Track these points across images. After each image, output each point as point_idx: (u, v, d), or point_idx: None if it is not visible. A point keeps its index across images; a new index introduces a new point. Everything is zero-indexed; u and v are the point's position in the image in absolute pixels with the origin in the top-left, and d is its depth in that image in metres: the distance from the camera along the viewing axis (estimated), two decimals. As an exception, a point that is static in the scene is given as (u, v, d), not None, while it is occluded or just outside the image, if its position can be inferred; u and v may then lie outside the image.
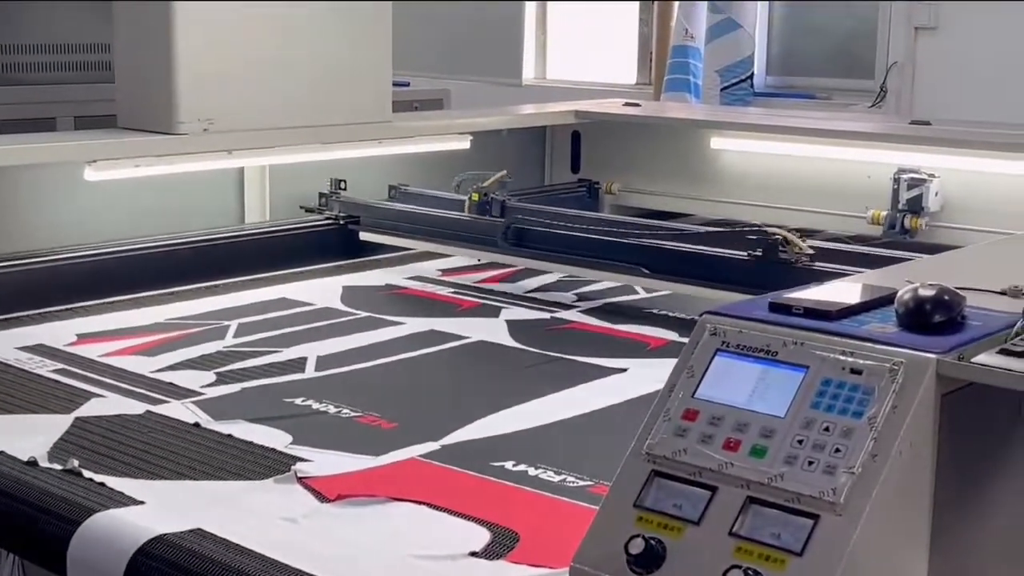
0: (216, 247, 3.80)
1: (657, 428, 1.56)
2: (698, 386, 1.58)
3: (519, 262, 3.79)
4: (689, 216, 4.69)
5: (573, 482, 2.15)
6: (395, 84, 4.30)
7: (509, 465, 2.23)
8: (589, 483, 2.14)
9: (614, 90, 7.46)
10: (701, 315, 1.66)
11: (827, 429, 1.47)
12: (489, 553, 1.87)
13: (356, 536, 1.93)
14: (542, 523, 1.99)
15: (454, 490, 2.12)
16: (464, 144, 4.38)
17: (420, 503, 2.04)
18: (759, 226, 3.31)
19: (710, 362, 1.59)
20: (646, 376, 2.74)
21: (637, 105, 5.12)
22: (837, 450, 1.45)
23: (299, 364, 2.88)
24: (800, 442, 1.48)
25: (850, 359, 1.52)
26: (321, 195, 4.13)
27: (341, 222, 4.06)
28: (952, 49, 6.67)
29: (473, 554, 1.86)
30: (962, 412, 1.52)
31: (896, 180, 4.15)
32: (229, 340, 3.08)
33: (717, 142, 4.63)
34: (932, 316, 1.59)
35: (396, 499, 2.06)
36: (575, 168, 4.97)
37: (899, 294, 1.63)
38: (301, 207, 4.11)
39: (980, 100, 6.20)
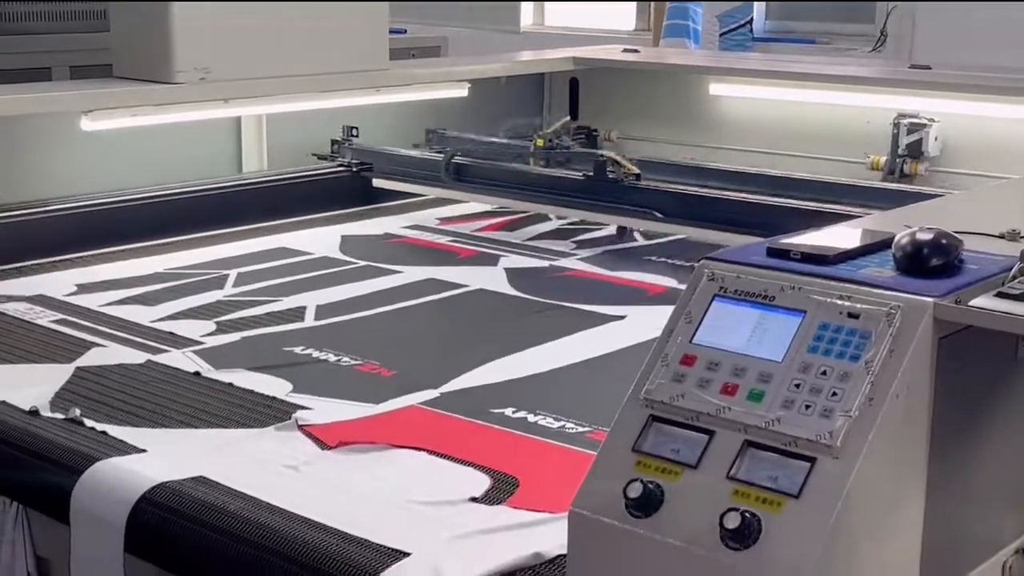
0: (215, 196, 3.80)
1: (655, 373, 1.56)
2: (696, 331, 1.58)
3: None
4: (688, 163, 4.67)
5: (572, 428, 2.17)
6: (392, 32, 4.28)
7: (508, 412, 2.25)
8: (588, 429, 2.15)
9: (613, 36, 7.41)
10: (699, 260, 1.67)
11: (824, 373, 1.48)
12: (489, 498, 1.88)
13: (357, 483, 1.94)
14: (541, 469, 2.01)
15: (454, 437, 2.13)
16: (462, 91, 4.37)
17: (420, 450, 2.06)
18: (595, 151, 3.85)
19: (708, 307, 1.60)
20: (645, 323, 2.75)
21: (636, 51, 5.09)
22: (834, 394, 1.46)
23: (298, 313, 2.89)
24: (797, 386, 1.48)
25: (847, 303, 1.52)
26: (333, 142, 4.13)
27: (354, 169, 4.08)
28: (952, -7, 6.61)
29: (473, 499, 1.88)
30: (959, 355, 1.52)
31: (896, 125, 4.14)
32: (228, 289, 3.09)
33: (716, 88, 4.61)
34: (929, 260, 1.59)
35: (396, 446, 2.07)
36: (574, 115, 4.95)
37: (896, 238, 1.63)
38: (313, 154, 4.11)
39: (980, 44, 6.15)
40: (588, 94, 4.93)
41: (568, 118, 4.38)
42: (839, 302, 1.53)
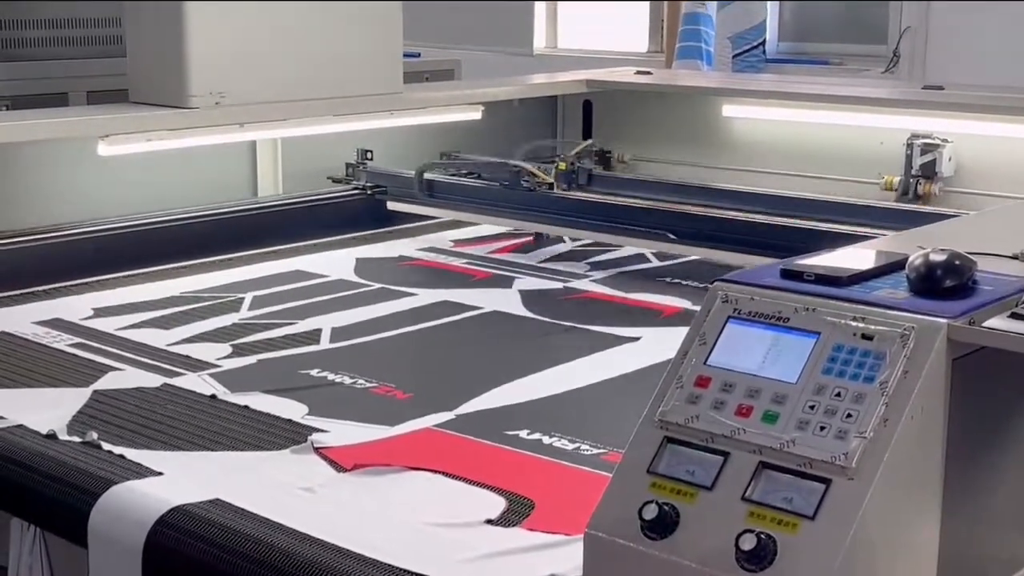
0: (231, 220, 3.82)
1: (670, 395, 1.57)
2: (710, 353, 1.58)
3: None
4: (701, 185, 4.67)
5: (587, 450, 2.17)
6: (406, 55, 4.30)
7: (523, 434, 2.25)
8: (603, 451, 2.15)
9: (626, 58, 7.43)
10: (712, 282, 1.67)
11: (839, 394, 1.48)
12: (505, 520, 1.88)
13: (373, 505, 1.94)
14: (557, 490, 2.01)
15: (469, 459, 2.14)
16: (476, 114, 4.38)
17: (436, 472, 2.06)
18: (513, 163, 3.93)
19: (722, 329, 1.60)
20: (660, 344, 2.75)
21: (649, 73, 5.11)
22: (849, 415, 1.46)
23: (314, 336, 2.90)
24: (812, 407, 1.49)
25: (861, 324, 1.53)
26: (348, 165, 4.16)
27: (368, 192, 4.11)
28: (965, 13, 6.62)
29: (489, 521, 1.88)
30: (973, 376, 1.53)
31: (909, 146, 4.14)
32: (244, 312, 3.10)
33: (729, 109, 4.62)
34: (943, 281, 1.59)
35: (412, 468, 2.08)
36: (587, 137, 4.96)
37: (910, 259, 1.64)
38: (328, 177, 4.14)
39: (993, 64, 6.16)
40: (601, 116, 4.94)
41: (589, 140, 4.47)
42: (853, 323, 1.53)
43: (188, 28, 3.52)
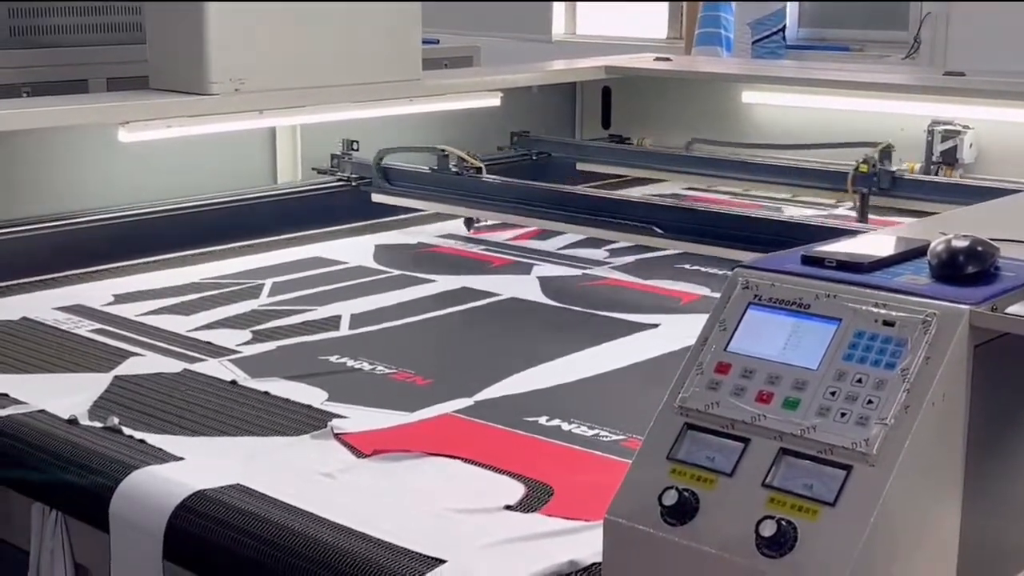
0: (249, 206, 3.83)
1: (690, 381, 1.57)
2: (730, 339, 1.58)
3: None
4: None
5: (606, 436, 2.17)
6: (425, 42, 4.30)
7: (543, 420, 2.25)
8: (622, 437, 2.15)
9: (645, 45, 7.41)
10: (733, 269, 1.67)
11: (860, 381, 1.48)
12: (524, 506, 1.89)
13: (392, 491, 1.95)
14: (576, 477, 2.01)
15: (488, 445, 2.14)
16: (495, 101, 4.38)
17: (455, 458, 2.06)
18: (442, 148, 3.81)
19: (742, 315, 1.60)
20: (678, 331, 2.75)
21: (668, 60, 5.10)
22: (870, 402, 1.46)
23: (333, 322, 2.90)
24: (833, 394, 1.48)
25: (883, 311, 1.52)
26: (333, 156, 4.08)
27: (353, 184, 4.01)
28: (986, -1, 6.58)
29: (508, 507, 1.88)
30: (995, 363, 1.52)
31: (930, 132, 4.13)
32: (264, 299, 3.11)
33: (749, 96, 4.61)
34: (965, 267, 1.59)
35: (431, 454, 2.08)
36: (606, 124, 4.96)
37: (932, 246, 1.63)
38: (313, 168, 4.07)
39: (1015, 50, 6.12)
40: (620, 103, 4.94)
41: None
42: (874, 310, 1.53)
43: (208, 15, 3.53)
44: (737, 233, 3.21)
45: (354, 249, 3.66)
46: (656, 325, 2.89)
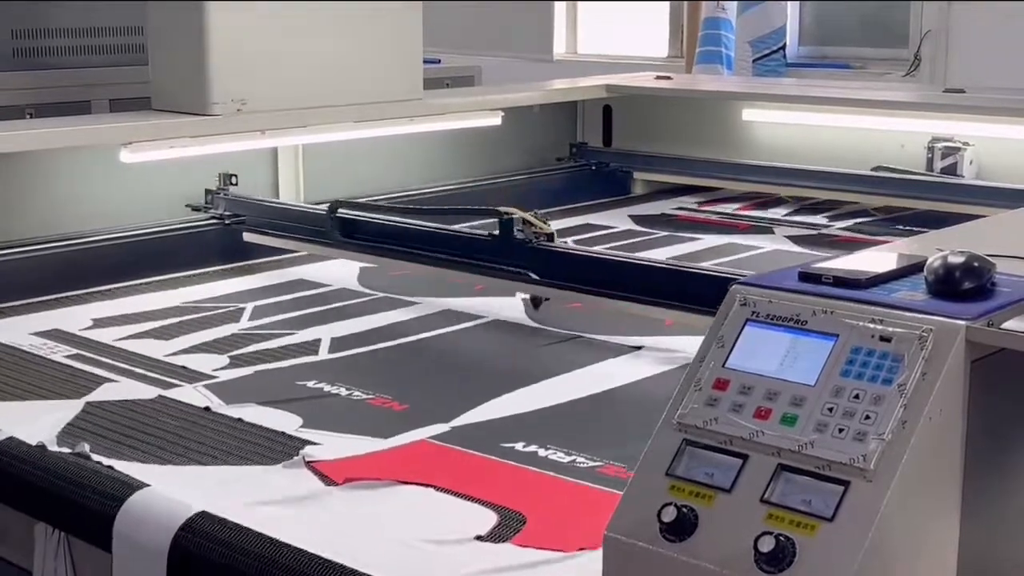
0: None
1: (688, 398, 1.57)
2: (728, 356, 1.59)
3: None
4: (719, 190, 4.70)
5: (583, 463, 2.13)
6: (426, 61, 4.32)
7: (519, 446, 2.21)
8: (599, 464, 2.12)
9: (646, 63, 7.44)
10: (731, 286, 1.68)
11: (857, 397, 1.48)
12: (495, 536, 1.85)
13: (362, 519, 1.92)
14: (550, 505, 1.98)
15: (462, 472, 2.11)
16: (496, 120, 4.40)
17: (427, 486, 2.03)
18: (497, 209, 3.09)
19: (740, 332, 1.60)
20: (660, 354, 2.74)
21: (669, 78, 5.12)
22: (867, 417, 1.46)
23: (313, 346, 2.86)
24: (830, 410, 1.49)
25: (880, 327, 1.53)
26: (207, 192, 3.80)
27: (227, 222, 3.75)
28: (986, 16, 6.60)
29: (479, 537, 1.84)
30: (992, 378, 1.52)
31: (930, 149, 4.15)
32: (244, 323, 3.07)
33: (749, 114, 4.63)
34: (962, 283, 1.59)
35: (403, 482, 2.05)
36: (607, 142, 4.98)
37: (928, 261, 1.64)
38: (187, 206, 3.77)
39: (1015, 67, 6.14)
40: (622, 121, 4.95)
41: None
42: (871, 326, 1.53)
43: (210, 35, 3.55)
44: (605, 279, 2.93)
45: (339, 272, 3.58)
46: (638, 348, 2.84)
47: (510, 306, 3.21)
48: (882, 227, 4.07)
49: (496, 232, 3.05)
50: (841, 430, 1.46)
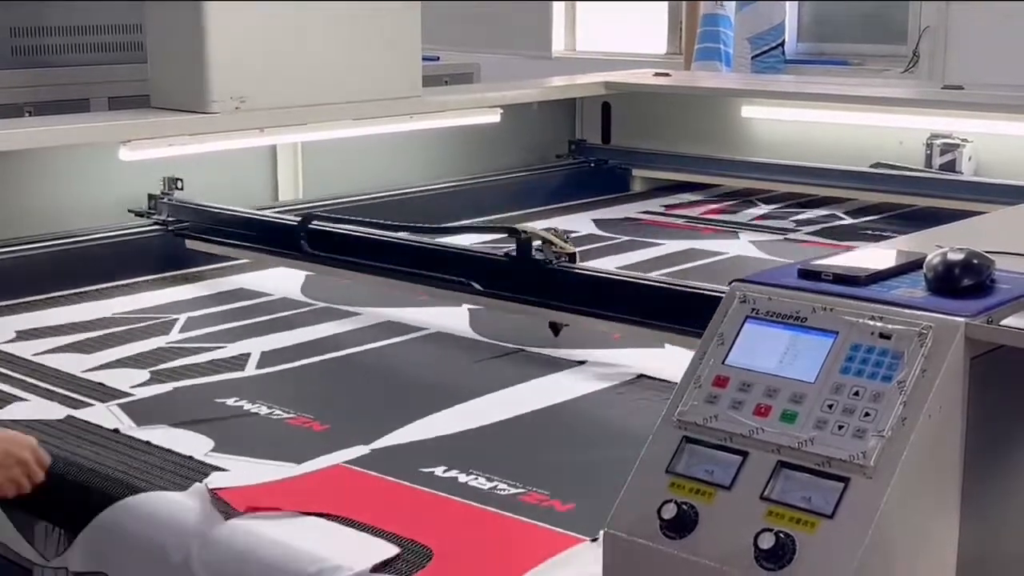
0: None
1: (688, 395, 1.57)
2: (728, 353, 1.59)
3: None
4: (717, 187, 4.70)
5: (504, 490, 2.00)
6: (425, 59, 4.32)
7: (439, 471, 2.08)
8: (521, 491, 1.99)
9: (644, 60, 7.43)
10: (730, 283, 1.68)
11: (856, 394, 1.48)
12: (394, 569, 1.75)
13: (260, 551, 1.83)
14: (461, 538, 1.86)
15: (372, 500, 1.98)
16: (495, 117, 4.40)
17: (330, 517, 1.90)
18: (514, 227, 2.83)
19: (740, 329, 1.60)
20: (603, 370, 2.63)
21: (668, 75, 5.12)
22: (867, 414, 1.46)
23: (240, 361, 2.72)
24: (830, 407, 1.49)
25: (879, 324, 1.53)
26: (151, 197, 3.63)
27: (170, 228, 3.56)
28: (984, 13, 6.60)
29: (376, 570, 1.74)
30: (992, 375, 1.53)
31: (929, 145, 4.15)
32: (174, 335, 2.92)
33: (748, 111, 4.63)
34: (961, 280, 1.59)
35: (306, 513, 1.93)
36: (606, 139, 4.98)
37: (928, 258, 1.64)
38: (130, 211, 3.62)
39: (1013, 64, 6.14)
40: (620, 118, 4.96)
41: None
42: (871, 323, 1.53)
43: (208, 33, 3.55)
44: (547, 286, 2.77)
45: (283, 280, 3.38)
46: (582, 362, 2.70)
47: (455, 317, 3.04)
48: (867, 226, 4.02)
49: (512, 252, 2.79)
50: (841, 427, 1.47)
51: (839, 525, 1.41)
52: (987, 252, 1.65)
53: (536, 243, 2.75)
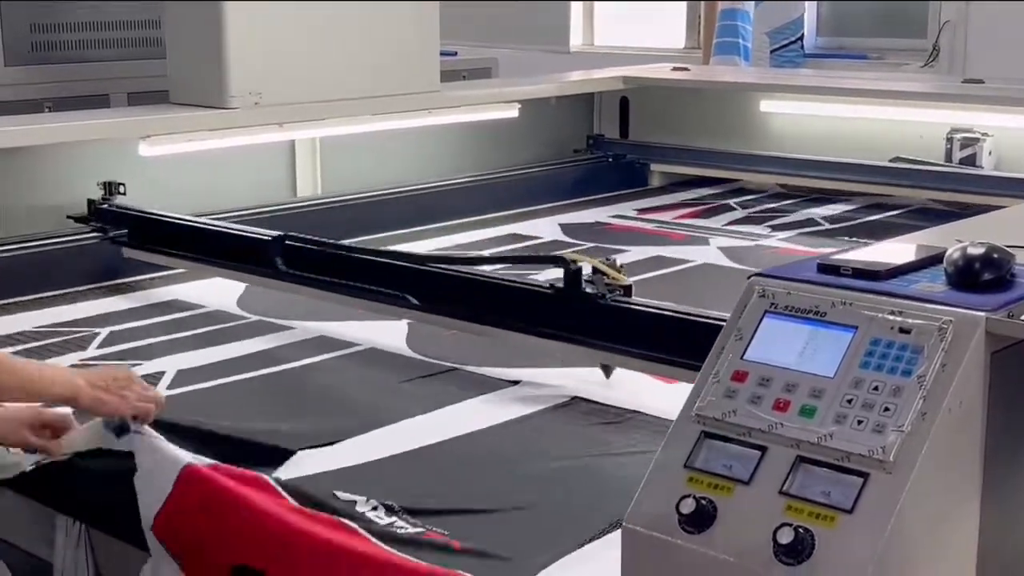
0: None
1: (706, 390, 1.57)
2: (747, 347, 1.58)
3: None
4: (737, 182, 4.69)
5: (403, 528, 1.88)
6: (443, 54, 4.33)
7: (342, 496, 1.96)
8: (420, 529, 1.87)
9: (663, 55, 7.40)
10: (749, 278, 1.67)
11: (876, 388, 1.48)
12: None
13: None
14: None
15: (247, 537, 1.84)
16: (513, 112, 4.40)
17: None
18: (562, 256, 2.51)
19: (759, 323, 1.60)
20: (535, 391, 2.47)
21: (686, 69, 5.11)
22: (886, 409, 1.46)
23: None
24: (849, 401, 1.49)
25: (899, 319, 1.52)
26: (90, 202, 3.45)
27: (110, 235, 3.37)
28: (1005, 6, 6.56)
29: None
30: (1012, 369, 1.52)
31: (949, 140, 4.13)
32: (91, 351, 2.75)
33: (767, 105, 4.62)
34: (981, 274, 1.59)
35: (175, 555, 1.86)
36: (624, 134, 4.97)
37: (948, 253, 1.63)
38: (68, 216, 3.43)
39: (1035, 57, 6.10)
40: (638, 113, 4.95)
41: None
42: (891, 317, 1.53)
43: (227, 29, 3.56)
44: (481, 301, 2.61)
45: (222, 291, 3.20)
46: (516, 382, 2.53)
47: (393, 332, 2.85)
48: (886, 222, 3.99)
49: (559, 284, 2.49)
50: (860, 422, 1.46)
51: (858, 520, 1.40)
52: (1008, 246, 1.64)
53: (587, 273, 2.43)
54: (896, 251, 1.78)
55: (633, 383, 2.46)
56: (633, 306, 2.41)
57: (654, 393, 2.39)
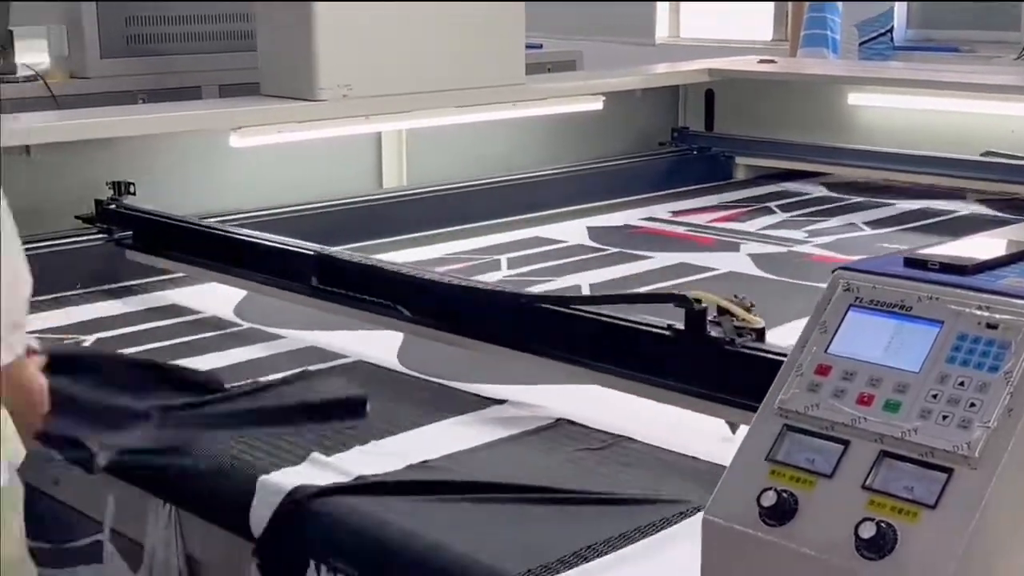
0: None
1: (789, 383, 1.57)
2: (831, 341, 1.58)
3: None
4: (824, 175, 4.65)
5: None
6: (528, 47, 4.34)
7: None
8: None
9: (749, 47, 7.37)
10: (834, 271, 1.67)
11: (962, 384, 1.47)
12: None
13: None
14: None
15: None
16: (597, 105, 4.40)
17: None
18: (683, 294, 2.13)
19: (843, 317, 1.59)
20: (519, 411, 2.33)
21: (773, 61, 5.07)
22: (972, 404, 1.45)
23: None
24: (935, 396, 1.48)
25: (986, 314, 1.51)
26: (98, 203, 3.31)
27: (116, 237, 3.26)
28: (1103, -3, 6.43)
29: None
30: (1102, 367, 1.50)
31: (1041, 134, 4.05)
32: None
33: (855, 98, 4.57)
34: (1071, 270, 1.57)
35: None
36: (709, 127, 4.95)
37: (1037, 248, 1.61)
38: (76, 217, 3.31)
39: None
40: (724, 106, 4.92)
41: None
42: (978, 312, 1.51)
43: (317, 23, 3.61)
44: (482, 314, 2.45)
45: (217, 299, 3.09)
46: (501, 402, 2.39)
47: (388, 345, 2.69)
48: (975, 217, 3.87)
49: (680, 326, 2.14)
50: (945, 417, 1.45)
51: (942, 516, 1.40)
52: (1099, 242, 1.62)
53: (712, 315, 2.11)
54: (985, 246, 1.76)
55: (626, 404, 2.25)
56: (766, 353, 2.02)
57: (644, 418, 2.21)
